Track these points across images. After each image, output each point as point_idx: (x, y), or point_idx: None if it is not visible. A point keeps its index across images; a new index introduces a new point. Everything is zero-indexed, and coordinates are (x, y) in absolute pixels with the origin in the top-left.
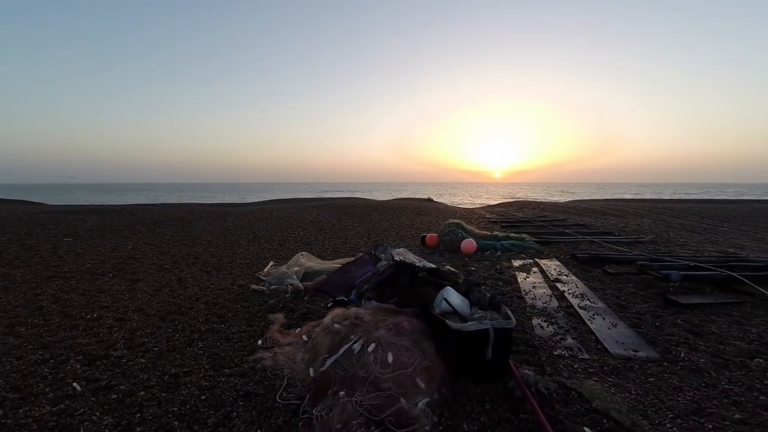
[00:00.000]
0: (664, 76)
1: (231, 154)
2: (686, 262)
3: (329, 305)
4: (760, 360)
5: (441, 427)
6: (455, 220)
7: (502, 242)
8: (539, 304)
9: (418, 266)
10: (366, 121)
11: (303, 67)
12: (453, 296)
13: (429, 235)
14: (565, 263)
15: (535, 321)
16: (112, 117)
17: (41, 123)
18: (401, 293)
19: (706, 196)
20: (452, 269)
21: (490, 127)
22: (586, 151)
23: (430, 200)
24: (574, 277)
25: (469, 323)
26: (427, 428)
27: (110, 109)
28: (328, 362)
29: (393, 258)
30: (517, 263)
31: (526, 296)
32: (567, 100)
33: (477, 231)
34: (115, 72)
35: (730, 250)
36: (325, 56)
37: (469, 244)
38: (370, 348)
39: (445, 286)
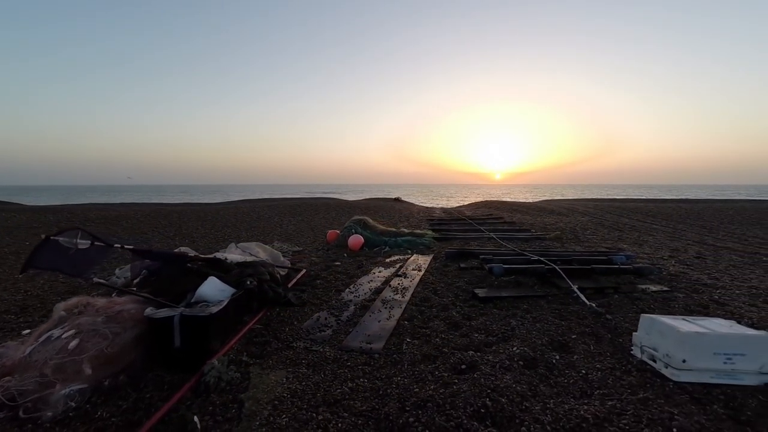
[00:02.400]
0: (670, 75)
1: (233, 155)
2: (531, 257)
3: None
4: (472, 352)
5: (71, 413)
6: (359, 217)
7: (397, 239)
8: (349, 297)
9: (190, 257)
10: (366, 123)
11: (303, 68)
12: (207, 286)
13: (330, 231)
14: (436, 258)
15: (318, 314)
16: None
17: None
18: (164, 284)
19: (704, 197)
20: (262, 261)
21: (492, 129)
22: (588, 152)
23: (397, 200)
24: (421, 272)
25: (160, 310)
26: (50, 414)
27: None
28: (28, 349)
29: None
30: (392, 258)
31: (347, 289)
32: (570, 101)
33: (381, 227)
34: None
35: (624, 246)
36: (325, 57)
37: (354, 240)
38: (66, 335)
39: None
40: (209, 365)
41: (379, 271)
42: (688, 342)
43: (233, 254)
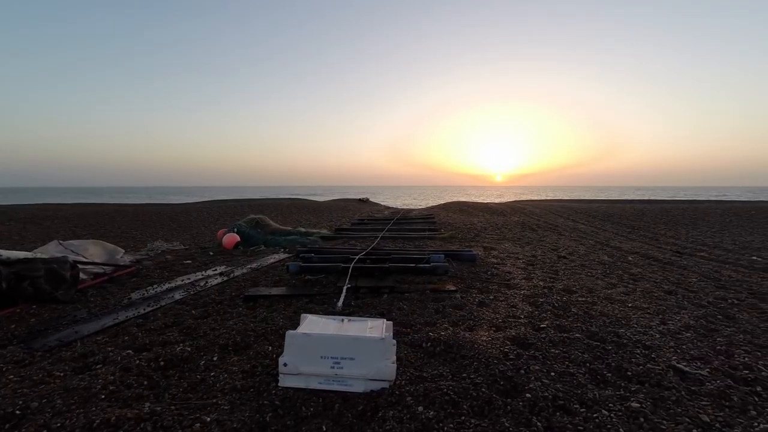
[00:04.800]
0: (677, 76)
1: (229, 156)
2: (352, 256)
3: None
4: (130, 352)
5: None
6: (253, 216)
7: (278, 237)
8: (136, 294)
9: None
10: (366, 124)
11: (305, 68)
12: None
13: (220, 231)
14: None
15: (76, 312)
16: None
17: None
18: None
19: (699, 198)
20: (49, 258)
21: (495, 131)
22: (592, 153)
23: (362, 201)
24: (246, 270)
25: None
26: None
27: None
28: None
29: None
30: (252, 257)
31: (149, 286)
32: (574, 102)
33: (274, 226)
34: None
35: (506, 245)
36: (326, 57)
37: (228, 239)
38: None
39: None
40: None
41: (213, 270)
42: (294, 343)
43: (14, 252)
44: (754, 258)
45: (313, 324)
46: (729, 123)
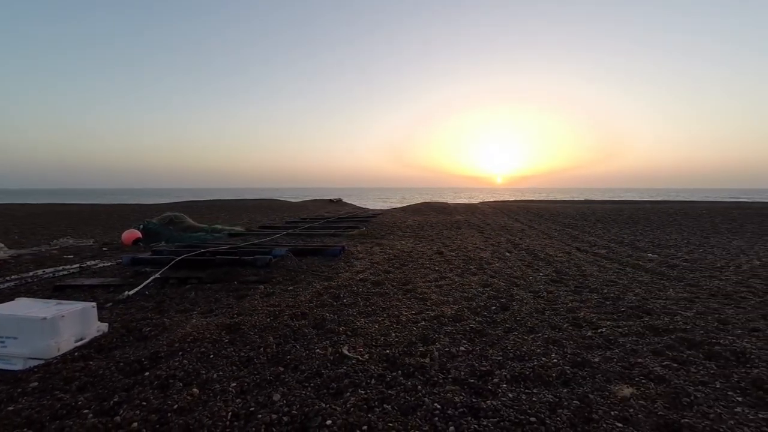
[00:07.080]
0: (681, 77)
1: (226, 158)
2: (195, 248)
3: None
4: None
5: None
6: (170, 214)
7: (182, 234)
8: None
9: None
10: (366, 125)
11: (306, 68)
12: None
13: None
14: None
15: None
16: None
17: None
18: None
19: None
20: None
21: (498, 132)
22: (592, 154)
23: (333, 201)
24: (111, 264)
25: None
26: None
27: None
28: None
29: None
30: (143, 252)
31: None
32: (574, 104)
33: (189, 223)
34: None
35: (406, 244)
36: (328, 58)
37: (126, 235)
38: None
39: None
40: None
41: (80, 263)
42: None
43: None
44: (649, 255)
45: (16, 306)
46: (730, 123)
